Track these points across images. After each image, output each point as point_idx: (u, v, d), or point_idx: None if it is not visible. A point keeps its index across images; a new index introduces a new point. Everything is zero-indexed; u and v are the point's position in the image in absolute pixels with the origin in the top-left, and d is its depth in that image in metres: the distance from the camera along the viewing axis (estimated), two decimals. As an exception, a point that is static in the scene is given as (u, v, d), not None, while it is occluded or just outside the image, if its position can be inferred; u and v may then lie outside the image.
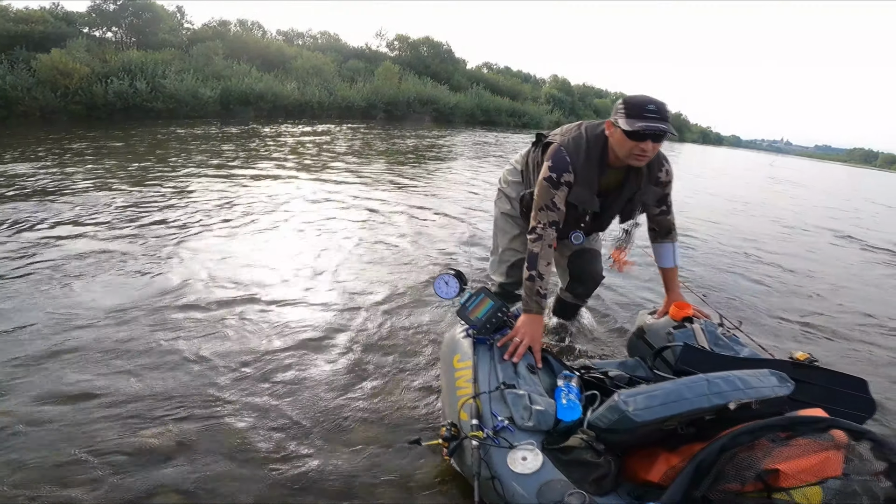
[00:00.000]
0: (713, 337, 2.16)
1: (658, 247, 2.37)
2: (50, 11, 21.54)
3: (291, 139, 13.20)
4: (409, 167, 9.26)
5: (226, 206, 5.08)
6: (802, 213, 9.63)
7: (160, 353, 2.39)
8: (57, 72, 15.66)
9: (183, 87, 18.14)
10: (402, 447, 1.93)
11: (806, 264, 5.35)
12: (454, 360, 1.94)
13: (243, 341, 2.58)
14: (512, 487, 1.43)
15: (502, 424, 1.58)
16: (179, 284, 3.08)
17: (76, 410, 1.92)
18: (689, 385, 1.40)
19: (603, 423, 1.50)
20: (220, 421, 1.99)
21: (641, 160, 1.91)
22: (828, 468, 1.24)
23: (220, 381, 2.25)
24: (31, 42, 17.97)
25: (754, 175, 18.82)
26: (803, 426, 1.29)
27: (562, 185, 2.01)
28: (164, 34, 23.67)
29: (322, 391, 2.27)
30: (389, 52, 35.60)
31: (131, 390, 2.09)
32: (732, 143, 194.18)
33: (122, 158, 7.61)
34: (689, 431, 1.48)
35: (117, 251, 3.52)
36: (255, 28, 31.01)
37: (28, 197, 4.80)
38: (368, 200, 5.91)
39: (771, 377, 1.48)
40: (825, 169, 45.43)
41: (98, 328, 2.51)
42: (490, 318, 1.98)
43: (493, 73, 41.77)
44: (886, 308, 4.10)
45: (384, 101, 25.72)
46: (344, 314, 2.98)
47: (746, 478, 1.26)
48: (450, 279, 2.15)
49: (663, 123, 1.80)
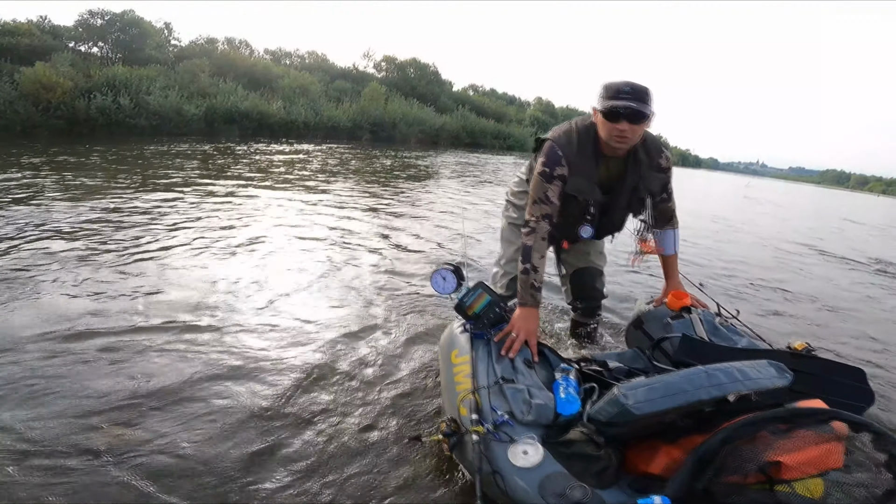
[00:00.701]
0: (711, 327, 2.16)
1: (660, 234, 2.36)
2: (37, 24, 21.48)
3: (264, 157, 13.15)
4: (379, 187, 9.19)
5: (158, 222, 4.78)
6: (792, 234, 9.77)
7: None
8: (40, 85, 15.54)
9: (167, 104, 18.04)
10: (404, 444, 1.92)
11: (807, 287, 5.29)
12: (452, 356, 1.93)
13: (220, 349, 2.51)
14: (514, 481, 1.42)
15: (503, 419, 1.57)
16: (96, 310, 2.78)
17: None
18: (689, 377, 1.40)
19: (603, 416, 1.49)
20: (217, 413, 1.99)
21: (621, 142, 1.90)
22: (829, 460, 1.23)
23: (226, 374, 2.26)
24: (16, 55, 17.84)
25: (735, 197, 19.15)
26: (804, 418, 1.29)
27: (555, 178, 2.00)
28: (150, 50, 23.65)
29: (316, 394, 2.23)
30: (376, 72, 35.95)
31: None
32: (710, 166, 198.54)
33: (73, 173, 7.46)
34: (687, 423, 1.48)
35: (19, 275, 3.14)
36: (242, 46, 31.15)
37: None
38: (321, 216, 5.90)
39: (769, 368, 1.47)
40: (800, 190, 46.56)
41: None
42: (488, 313, 1.97)
43: (479, 96, 42.45)
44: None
45: (370, 121, 25.79)
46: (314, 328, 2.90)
47: (748, 470, 1.25)
48: (447, 274, 2.12)
49: (637, 103, 1.81)
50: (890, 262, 7.45)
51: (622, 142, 1.90)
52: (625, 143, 1.91)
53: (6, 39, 18.55)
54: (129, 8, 24.03)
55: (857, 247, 8.94)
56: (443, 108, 33.25)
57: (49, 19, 22.77)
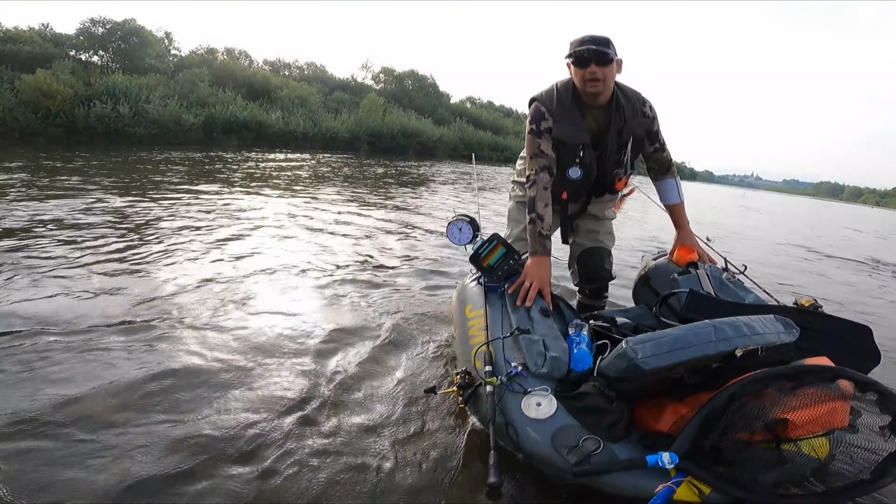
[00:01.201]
0: (718, 282, 2.17)
1: (661, 184, 2.41)
2: (38, 32, 21.58)
3: (256, 165, 12.92)
4: (369, 193, 9.01)
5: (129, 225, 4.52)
6: (801, 240, 9.64)
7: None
8: (40, 93, 15.59)
9: (166, 113, 18.07)
10: (419, 397, 1.93)
11: (832, 292, 5.04)
12: (466, 310, 1.96)
13: (240, 333, 2.44)
14: (526, 432, 1.43)
15: (516, 371, 1.57)
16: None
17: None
18: (696, 331, 1.39)
19: (612, 371, 1.48)
20: (245, 389, 1.96)
21: (595, 86, 2.00)
22: (835, 419, 1.23)
23: (234, 364, 2.15)
24: (18, 62, 17.93)
25: (735, 208, 19.09)
26: (810, 375, 1.28)
27: (543, 132, 2.12)
28: (150, 59, 23.82)
29: (331, 357, 2.25)
30: (375, 84, 36.18)
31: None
32: (706, 179, 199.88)
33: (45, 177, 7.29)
34: (695, 380, 1.48)
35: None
36: (242, 57, 31.42)
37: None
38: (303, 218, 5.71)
39: (777, 323, 1.46)
40: (796, 202, 46.48)
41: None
42: (502, 265, 2.00)
43: (477, 108, 42.65)
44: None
45: (368, 132, 25.82)
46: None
47: (755, 427, 1.25)
48: (463, 225, 2.12)
49: (598, 45, 1.95)
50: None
51: (595, 85, 2.00)
52: (598, 87, 2.00)
53: (8, 46, 18.65)
54: (131, 17, 24.09)
55: (869, 253, 8.85)
56: (440, 119, 33.39)
57: (51, 27, 22.93)
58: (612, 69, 2.01)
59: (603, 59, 1.96)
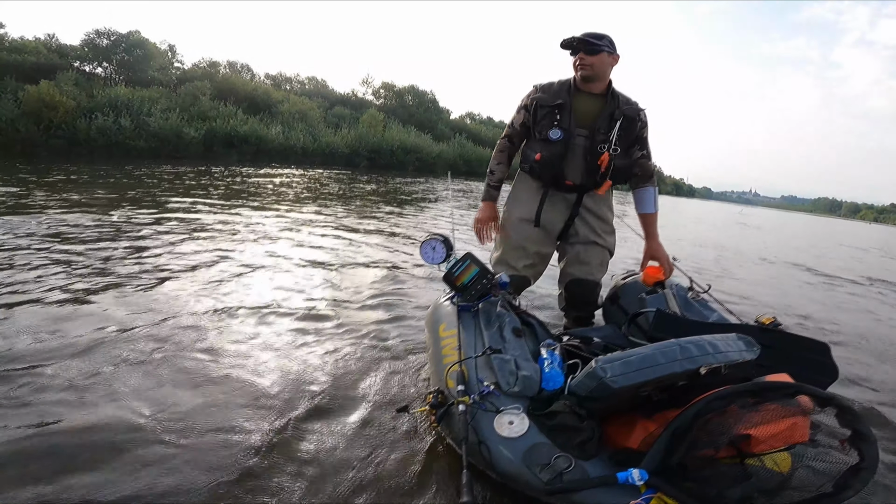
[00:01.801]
0: (683, 301, 2.25)
1: (639, 192, 2.46)
2: (44, 43, 21.82)
3: (249, 179, 12.74)
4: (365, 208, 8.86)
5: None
6: (815, 262, 9.15)
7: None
8: (43, 104, 15.73)
9: (167, 126, 18.20)
10: (391, 416, 1.92)
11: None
12: (440, 330, 1.97)
13: (216, 337, 2.49)
14: (499, 451, 1.44)
15: (488, 389, 1.58)
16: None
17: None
18: (663, 350, 1.44)
19: (582, 389, 1.51)
20: (206, 399, 1.95)
21: (585, 70, 2.22)
22: (796, 434, 1.27)
23: (209, 375, 2.15)
24: (22, 72, 18.09)
25: (744, 228, 18.73)
26: (771, 392, 1.31)
27: (521, 109, 2.40)
28: (153, 72, 24.04)
29: (304, 371, 2.24)
30: (375, 99, 36.38)
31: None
32: (704, 195, 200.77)
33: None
34: (663, 398, 1.52)
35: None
36: (244, 71, 31.71)
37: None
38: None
39: (739, 342, 1.52)
40: (795, 219, 46.03)
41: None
42: (475, 284, 2.02)
43: (476, 124, 42.68)
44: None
45: (368, 148, 25.86)
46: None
47: (720, 444, 1.29)
48: (437, 244, 2.15)
49: (586, 36, 2.19)
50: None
51: (585, 69, 2.22)
52: (586, 70, 2.22)
53: (13, 56, 18.84)
54: (136, 28, 24.34)
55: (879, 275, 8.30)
56: (440, 135, 33.48)
57: (56, 38, 23.23)
58: (601, 58, 2.20)
59: (590, 48, 2.17)
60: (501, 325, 1.91)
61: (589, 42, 2.17)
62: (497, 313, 1.99)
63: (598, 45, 2.17)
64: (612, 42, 2.22)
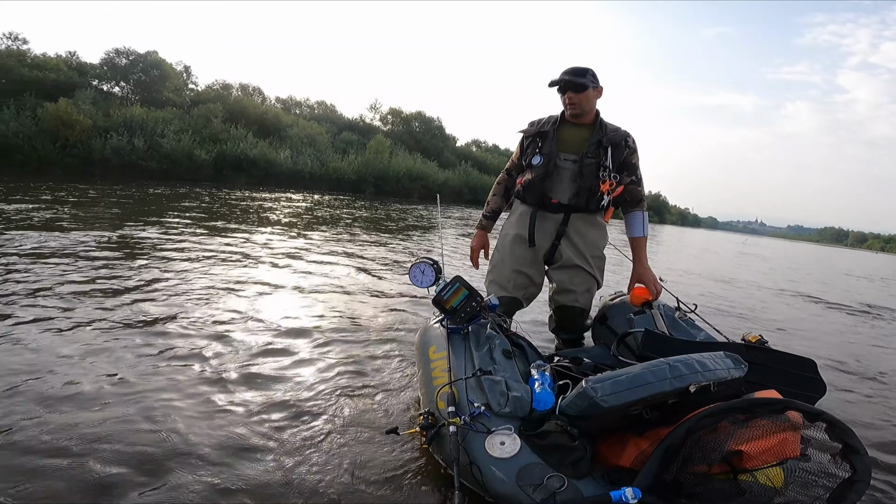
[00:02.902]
0: (671, 321, 2.30)
1: (630, 216, 2.54)
2: (65, 60, 22.15)
3: (260, 205, 12.60)
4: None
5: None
6: (841, 295, 8.84)
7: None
8: (60, 122, 16.05)
9: (180, 148, 18.50)
10: (381, 438, 1.89)
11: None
12: (430, 352, 1.99)
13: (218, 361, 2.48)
14: (491, 472, 1.43)
15: (479, 410, 1.58)
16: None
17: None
18: (652, 370, 1.45)
19: (573, 409, 1.52)
20: (202, 420, 1.93)
21: (572, 108, 2.36)
22: (786, 448, 1.28)
23: (205, 389, 2.18)
24: (42, 90, 18.37)
25: (743, 257, 18.37)
26: (760, 408, 1.33)
27: (518, 145, 2.58)
28: (168, 92, 24.43)
29: (296, 390, 2.24)
30: (382, 125, 36.53)
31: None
32: (710, 225, 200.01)
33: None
34: (654, 416, 1.53)
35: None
36: (255, 94, 32.12)
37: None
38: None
39: (726, 359, 1.55)
40: (801, 248, 44.80)
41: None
42: (465, 307, 2.03)
43: (482, 151, 42.61)
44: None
45: (374, 174, 25.87)
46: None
47: (712, 460, 1.30)
48: (426, 268, 2.20)
49: (571, 76, 2.30)
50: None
51: (572, 108, 2.36)
52: (575, 109, 2.36)
53: (34, 73, 19.10)
54: (153, 48, 24.84)
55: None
56: (446, 163, 33.48)
57: (77, 55, 23.56)
58: (587, 95, 2.34)
59: (576, 87, 2.31)
60: (491, 347, 1.92)
61: (575, 83, 2.30)
62: (487, 335, 2.00)
63: (584, 82, 2.30)
64: (594, 76, 2.34)
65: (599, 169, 2.37)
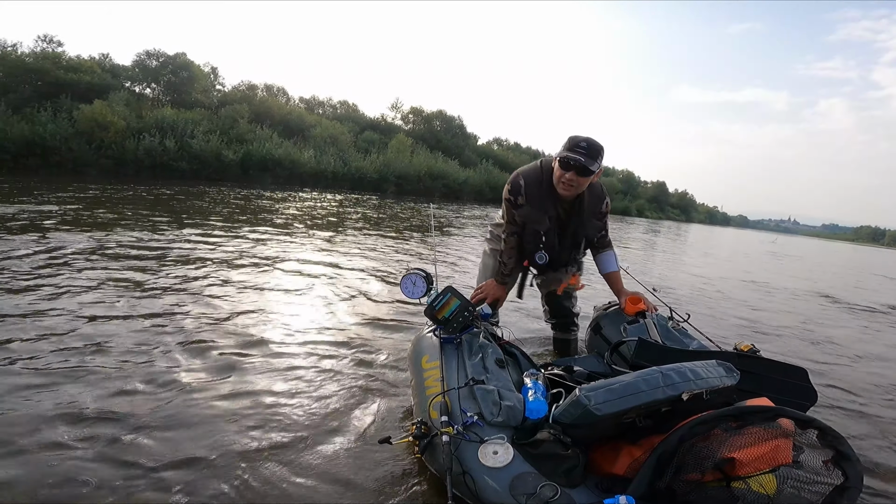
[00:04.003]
0: (664, 330, 2.31)
1: (601, 256, 2.62)
2: (98, 62, 22.66)
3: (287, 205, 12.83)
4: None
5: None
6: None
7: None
8: (95, 124, 16.54)
9: (208, 149, 18.92)
10: (374, 447, 1.87)
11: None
12: (423, 362, 2.00)
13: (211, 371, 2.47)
14: (484, 481, 1.43)
15: (472, 420, 1.59)
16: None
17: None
18: (645, 378, 1.45)
19: (566, 418, 1.52)
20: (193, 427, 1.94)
21: (567, 189, 2.22)
22: (779, 455, 1.29)
23: (200, 397, 2.18)
24: (77, 92, 18.88)
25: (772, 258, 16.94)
26: (752, 415, 1.33)
27: (518, 206, 2.39)
28: (197, 94, 24.95)
29: (286, 398, 2.23)
30: (404, 124, 36.64)
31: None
32: (740, 224, 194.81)
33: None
34: (647, 424, 1.53)
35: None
36: (279, 94, 32.55)
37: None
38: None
39: (719, 368, 1.55)
40: (836, 248, 44.14)
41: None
42: (457, 317, 2.04)
43: (503, 150, 42.41)
44: None
45: (395, 174, 26.02)
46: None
47: (705, 467, 1.31)
48: (417, 279, 2.20)
49: (586, 159, 2.11)
50: None
51: (568, 189, 2.22)
52: (570, 192, 2.24)
53: (69, 75, 19.60)
54: (182, 50, 25.36)
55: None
56: (467, 161, 33.41)
57: (111, 57, 24.16)
58: (588, 179, 2.22)
59: (584, 171, 2.15)
60: (484, 356, 1.94)
61: (586, 168, 2.14)
62: (480, 344, 2.01)
63: (592, 168, 2.15)
64: (603, 156, 2.20)
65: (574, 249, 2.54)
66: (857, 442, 2.40)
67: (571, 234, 2.45)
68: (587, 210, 2.39)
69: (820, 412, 2.59)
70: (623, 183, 58.16)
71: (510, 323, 2.93)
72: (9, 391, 2.08)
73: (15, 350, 2.47)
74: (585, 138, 2.17)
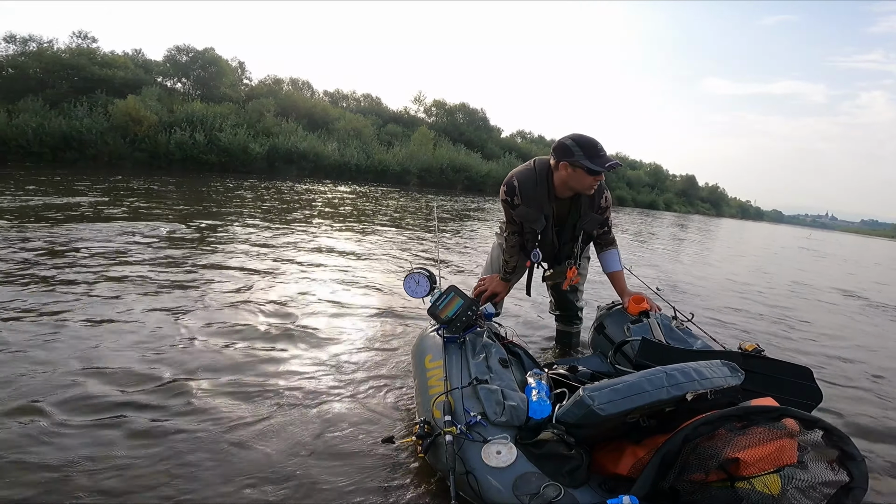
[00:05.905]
0: (668, 330, 2.30)
1: (604, 255, 2.64)
2: (131, 58, 23.36)
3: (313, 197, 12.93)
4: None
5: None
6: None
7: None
8: (130, 118, 17.10)
9: (236, 142, 19.31)
10: (377, 447, 1.86)
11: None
12: (426, 361, 1.99)
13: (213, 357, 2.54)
14: (487, 481, 1.42)
15: (475, 419, 1.58)
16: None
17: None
18: (649, 378, 1.44)
19: (570, 418, 1.52)
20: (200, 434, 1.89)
21: (591, 191, 2.32)
22: (784, 456, 1.28)
23: (203, 397, 2.16)
24: (112, 87, 19.52)
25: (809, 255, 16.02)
26: (757, 415, 1.32)
27: (516, 206, 2.42)
28: (225, 88, 25.39)
29: (289, 396, 2.20)
30: (427, 117, 36.68)
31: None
32: (774, 219, 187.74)
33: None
34: (651, 424, 1.53)
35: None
36: (304, 88, 32.87)
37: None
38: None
39: (723, 368, 1.53)
40: (871, 244, 40.86)
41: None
42: (460, 317, 2.03)
43: (527, 143, 42.03)
44: None
45: (418, 166, 26.14)
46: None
47: (709, 467, 1.30)
48: (420, 278, 2.19)
49: (614, 160, 2.21)
50: None
51: (592, 189, 2.31)
52: (592, 191, 2.33)
53: (104, 71, 20.25)
54: (210, 45, 25.90)
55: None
56: (489, 154, 33.36)
57: (143, 53, 24.86)
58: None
59: (613, 169, 2.24)
60: (488, 356, 1.93)
61: (613, 169, 2.23)
62: (483, 344, 2.00)
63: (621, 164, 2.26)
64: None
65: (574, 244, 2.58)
66: (861, 443, 2.34)
67: (570, 230, 2.51)
68: (585, 205, 2.45)
69: (826, 413, 2.57)
70: (650, 176, 57.05)
71: (513, 322, 2.91)
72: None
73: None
74: (596, 141, 2.21)
